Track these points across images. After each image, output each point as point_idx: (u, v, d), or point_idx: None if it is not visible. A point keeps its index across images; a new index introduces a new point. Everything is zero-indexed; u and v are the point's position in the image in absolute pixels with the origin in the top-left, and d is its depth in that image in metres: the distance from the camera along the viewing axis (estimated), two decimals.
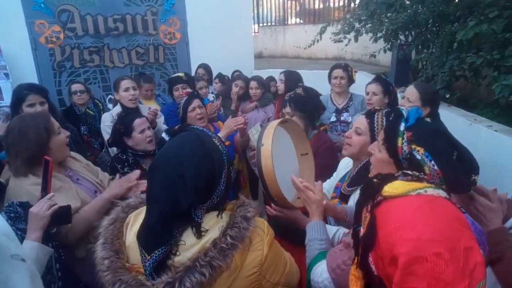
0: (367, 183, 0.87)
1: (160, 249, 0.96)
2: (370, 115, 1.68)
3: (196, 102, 2.76)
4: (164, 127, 3.21)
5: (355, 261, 0.85)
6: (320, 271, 1.23)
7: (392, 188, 0.81)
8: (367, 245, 0.79)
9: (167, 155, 1.06)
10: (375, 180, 0.86)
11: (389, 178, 0.85)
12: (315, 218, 1.42)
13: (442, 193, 0.81)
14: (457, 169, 1.06)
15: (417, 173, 0.86)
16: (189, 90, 3.12)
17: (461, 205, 1.20)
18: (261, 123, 2.12)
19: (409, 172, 0.86)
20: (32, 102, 2.46)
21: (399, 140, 1.13)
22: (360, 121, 1.70)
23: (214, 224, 1.04)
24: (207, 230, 1.02)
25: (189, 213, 1.00)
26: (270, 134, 1.45)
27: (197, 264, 0.95)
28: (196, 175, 1.01)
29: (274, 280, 1.11)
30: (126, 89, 3.15)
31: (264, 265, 1.06)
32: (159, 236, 0.97)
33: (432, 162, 1.06)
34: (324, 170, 2.04)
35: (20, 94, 2.46)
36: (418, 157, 1.09)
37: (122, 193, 1.92)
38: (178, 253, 0.99)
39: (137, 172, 2.04)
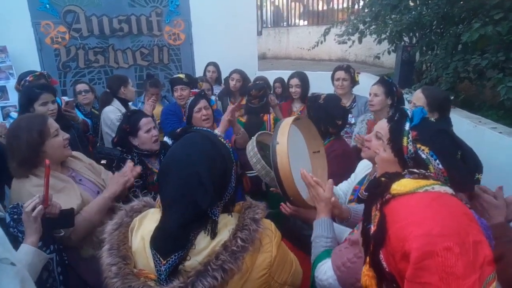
0: (375, 182, 0.88)
1: (177, 254, 0.96)
2: (391, 119, 1.67)
3: (202, 103, 2.75)
4: None
5: (367, 260, 0.85)
6: (325, 269, 1.23)
7: (400, 186, 0.82)
8: (378, 242, 0.80)
9: (177, 156, 1.06)
10: (382, 179, 0.87)
11: (396, 176, 0.87)
12: (323, 216, 1.41)
13: (448, 189, 0.83)
14: (461, 168, 1.07)
15: (423, 171, 0.87)
16: (196, 90, 3.14)
17: (466, 201, 1.22)
18: (256, 136, 2.03)
19: (415, 170, 0.88)
20: (45, 101, 2.48)
21: (404, 140, 1.13)
22: (381, 125, 1.70)
23: (223, 227, 1.04)
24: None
25: (206, 213, 1.00)
26: (285, 133, 1.43)
27: (209, 268, 0.95)
28: (211, 173, 1.01)
29: (282, 280, 1.11)
30: (132, 85, 3.76)
31: (273, 266, 1.06)
32: (177, 240, 0.97)
33: (437, 161, 1.07)
34: (332, 178, 2.01)
35: (33, 93, 2.47)
36: (423, 156, 1.09)
37: (121, 188, 1.92)
38: (188, 257, 0.98)
39: (129, 165, 2.04)
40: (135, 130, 2.41)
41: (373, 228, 0.83)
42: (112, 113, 3.41)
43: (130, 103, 3.84)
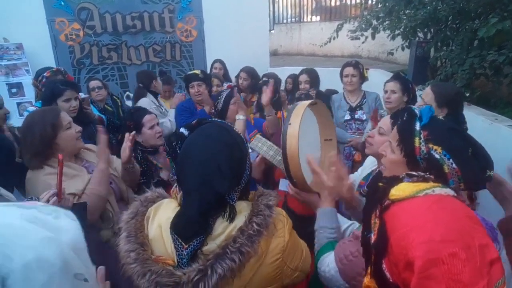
0: (373, 188, 0.86)
1: (198, 238, 1.00)
2: (395, 116, 1.64)
3: (238, 96, 2.85)
4: (172, 122, 3.55)
5: (368, 271, 0.83)
6: (328, 261, 1.24)
7: (399, 191, 0.80)
8: (380, 252, 0.77)
9: (196, 146, 1.09)
10: (380, 184, 0.85)
11: (395, 180, 0.84)
12: (326, 205, 1.40)
13: (450, 191, 0.80)
14: (474, 166, 1.03)
15: (423, 173, 0.84)
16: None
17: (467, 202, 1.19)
18: (262, 133, 2.03)
19: (414, 173, 0.85)
20: (69, 97, 2.55)
21: (417, 140, 1.08)
22: (384, 121, 1.68)
23: (238, 213, 1.08)
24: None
25: (224, 198, 1.04)
26: (299, 115, 1.42)
27: (227, 251, 0.99)
28: (229, 160, 1.05)
29: (293, 266, 1.14)
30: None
31: (286, 252, 1.10)
32: (198, 225, 1.01)
33: (451, 160, 1.03)
34: None
35: (57, 89, 2.54)
36: (437, 156, 1.04)
37: (108, 157, 2.00)
38: (206, 243, 1.02)
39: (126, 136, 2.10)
40: (139, 127, 2.43)
41: (373, 237, 0.80)
42: (147, 105, 3.56)
43: None
